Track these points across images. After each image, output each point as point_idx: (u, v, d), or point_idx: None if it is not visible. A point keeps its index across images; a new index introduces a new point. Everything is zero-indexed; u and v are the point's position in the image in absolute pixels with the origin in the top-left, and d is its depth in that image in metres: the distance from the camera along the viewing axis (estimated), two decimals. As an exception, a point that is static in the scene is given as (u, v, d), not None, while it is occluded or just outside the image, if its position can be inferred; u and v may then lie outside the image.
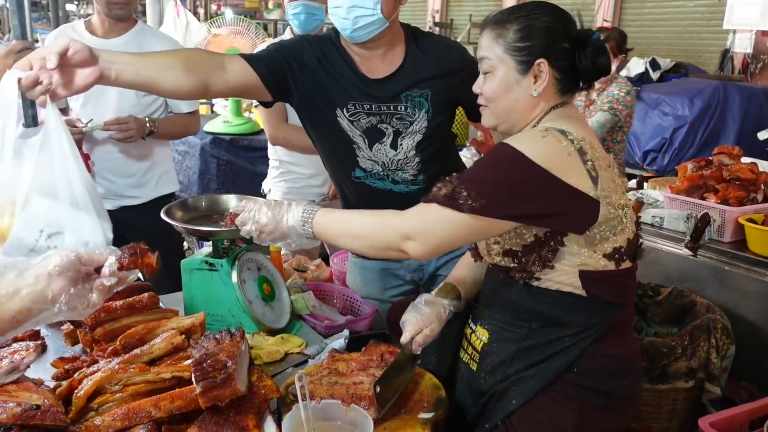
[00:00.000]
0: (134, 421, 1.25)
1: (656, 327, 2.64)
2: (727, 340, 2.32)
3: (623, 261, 1.44)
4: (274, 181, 2.99)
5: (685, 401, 2.31)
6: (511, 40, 1.46)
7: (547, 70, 1.46)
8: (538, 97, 1.48)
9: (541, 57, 1.45)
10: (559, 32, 1.47)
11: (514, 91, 1.48)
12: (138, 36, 2.52)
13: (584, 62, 1.47)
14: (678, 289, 2.58)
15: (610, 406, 1.48)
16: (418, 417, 1.41)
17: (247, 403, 1.31)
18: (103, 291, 1.14)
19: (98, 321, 1.62)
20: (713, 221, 2.69)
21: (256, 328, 1.81)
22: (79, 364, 1.48)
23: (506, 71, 1.48)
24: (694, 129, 5.16)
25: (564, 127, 1.42)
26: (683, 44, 7.26)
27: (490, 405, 1.51)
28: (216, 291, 1.81)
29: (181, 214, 1.94)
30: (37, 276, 1.08)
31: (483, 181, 1.37)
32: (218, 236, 1.83)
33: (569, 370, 1.45)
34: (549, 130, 1.40)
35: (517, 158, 1.35)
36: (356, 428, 1.24)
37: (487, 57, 1.49)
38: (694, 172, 2.94)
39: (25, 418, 1.09)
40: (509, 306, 1.52)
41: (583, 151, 1.38)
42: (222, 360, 1.29)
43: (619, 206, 1.42)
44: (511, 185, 1.36)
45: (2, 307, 1.06)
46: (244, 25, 4.54)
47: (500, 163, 1.38)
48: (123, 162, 2.57)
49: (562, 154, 1.37)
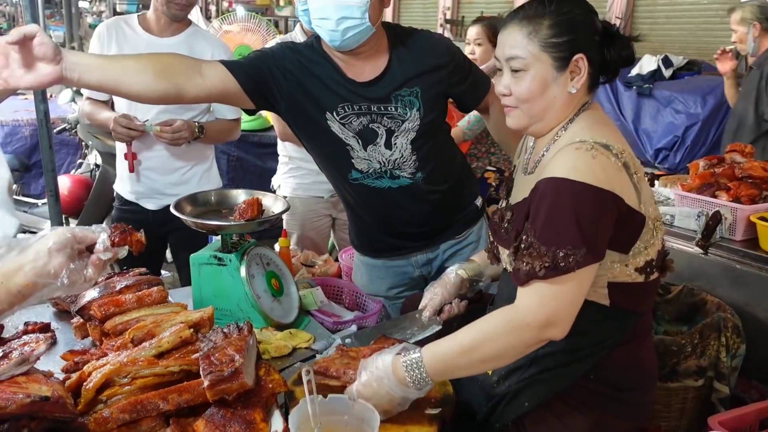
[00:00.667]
0: (142, 413, 1.26)
1: (666, 325, 2.62)
2: (737, 339, 2.30)
3: (653, 273, 1.42)
4: (283, 177, 3.00)
5: (695, 400, 2.29)
6: (546, 36, 1.39)
7: (586, 66, 1.41)
8: (573, 95, 1.43)
9: (579, 52, 1.40)
10: (591, 25, 1.43)
11: (552, 89, 1.42)
12: (190, 38, 2.50)
13: (613, 55, 1.43)
14: (688, 287, 2.56)
15: (624, 412, 1.47)
16: (424, 413, 1.41)
17: (254, 397, 1.31)
18: (98, 266, 1.22)
19: (108, 314, 1.63)
20: (725, 219, 2.67)
21: (264, 322, 1.82)
22: (88, 357, 1.50)
23: (543, 69, 1.41)
24: (706, 127, 5.11)
25: (604, 138, 1.36)
26: (697, 41, 7.18)
27: (502, 406, 1.49)
28: (224, 285, 1.83)
29: (190, 208, 1.95)
30: (38, 252, 1.15)
31: (568, 230, 1.28)
32: (227, 231, 1.84)
33: (585, 377, 1.43)
34: (596, 148, 1.33)
35: (586, 191, 1.28)
36: (363, 422, 1.24)
37: (519, 56, 1.41)
38: (705, 169, 2.92)
39: (34, 409, 1.10)
40: None
41: (627, 165, 1.34)
42: (230, 354, 1.30)
43: (653, 219, 1.39)
44: (594, 221, 1.29)
45: (9, 282, 1.13)
46: (255, 21, 4.57)
47: (573, 203, 1.29)
48: (165, 160, 2.56)
49: (616, 171, 1.32)
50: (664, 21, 7.55)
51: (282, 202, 1.96)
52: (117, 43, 2.44)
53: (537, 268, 1.28)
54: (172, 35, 2.48)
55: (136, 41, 2.44)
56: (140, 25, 2.48)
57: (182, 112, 2.49)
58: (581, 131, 1.41)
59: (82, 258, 1.21)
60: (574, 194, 1.28)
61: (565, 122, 1.45)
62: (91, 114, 2.55)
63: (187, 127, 2.42)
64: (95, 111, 2.52)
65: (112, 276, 1.79)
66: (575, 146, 1.35)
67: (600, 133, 1.38)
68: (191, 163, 2.60)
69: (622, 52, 1.43)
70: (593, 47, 1.42)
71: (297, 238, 2.96)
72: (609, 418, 1.44)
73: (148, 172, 2.56)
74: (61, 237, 1.17)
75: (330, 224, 3.11)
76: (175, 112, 2.46)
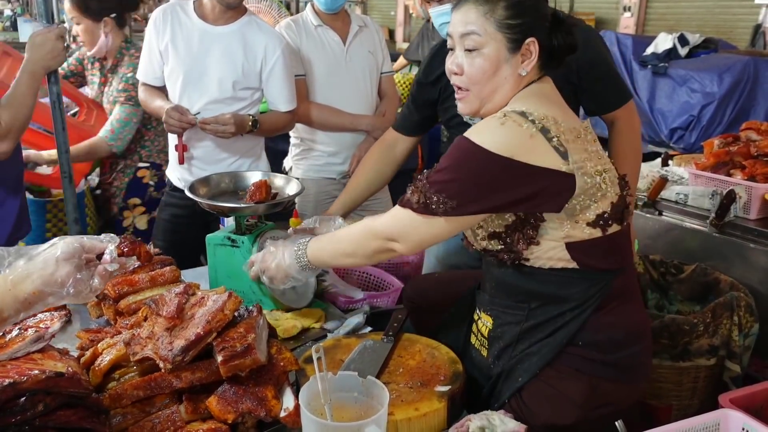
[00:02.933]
0: (156, 390, 1.29)
1: (679, 305, 2.61)
2: (750, 318, 2.29)
3: (609, 226, 1.42)
4: (295, 159, 3.00)
5: (707, 379, 2.29)
6: (502, 16, 1.42)
7: (537, 49, 1.44)
8: (522, 77, 1.46)
9: (531, 35, 1.43)
10: (543, 10, 1.46)
11: (503, 70, 1.45)
12: (244, 27, 2.46)
13: (560, 40, 1.46)
14: (701, 266, 2.55)
15: (619, 376, 1.48)
16: (434, 390, 1.42)
17: (266, 374, 1.33)
18: (104, 277, 1.24)
19: (121, 294, 1.66)
20: (739, 198, 2.64)
21: (274, 306, 1.83)
22: (103, 336, 1.52)
23: (497, 48, 1.44)
24: (723, 106, 5.04)
25: (525, 107, 1.41)
26: (714, 19, 7.08)
27: (499, 385, 1.52)
28: (237, 267, 1.83)
29: (205, 190, 1.96)
30: (46, 261, 1.18)
31: (449, 181, 1.38)
32: (239, 213, 1.85)
33: (573, 344, 1.45)
34: (507, 116, 1.39)
35: (478, 152, 1.36)
36: (373, 399, 1.25)
37: (476, 32, 1.44)
38: (720, 148, 2.89)
39: (49, 384, 1.12)
40: (506, 289, 1.52)
41: (545, 129, 1.37)
42: (241, 332, 1.32)
43: (596, 173, 1.40)
44: (476, 180, 1.36)
45: (17, 288, 1.15)
46: (267, 3, 4.54)
47: (463, 160, 1.38)
48: (211, 151, 2.54)
49: (523, 137, 1.35)
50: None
51: (296, 183, 1.96)
52: (171, 29, 2.42)
53: (413, 201, 1.42)
54: (226, 23, 2.44)
55: (191, 29, 2.42)
56: (195, 11, 2.45)
57: (231, 103, 2.46)
58: (512, 104, 1.46)
59: (90, 267, 1.24)
60: (466, 152, 1.38)
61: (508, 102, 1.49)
62: (145, 101, 2.55)
63: (237, 120, 2.37)
64: (149, 98, 2.51)
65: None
66: (494, 115, 1.43)
67: (526, 102, 1.43)
68: (238, 154, 2.58)
69: (567, 39, 1.47)
70: (543, 32, 1.45)
71: (309, 224, 2.96)
72: (605, 382, 1.45)
73: (195, 161, 2.55)
74: (70, 247, 1.21)
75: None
76: (224, 102, 2.45)
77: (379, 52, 2.93)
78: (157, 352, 1.26)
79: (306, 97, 2.80)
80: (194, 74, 2.42)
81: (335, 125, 2.84)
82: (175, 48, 2.43)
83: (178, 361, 1.25)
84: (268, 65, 2.47)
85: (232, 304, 1.36)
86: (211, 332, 1.30)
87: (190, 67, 2.42)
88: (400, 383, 1.46)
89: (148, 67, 2.52)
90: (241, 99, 2.49)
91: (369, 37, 2.90)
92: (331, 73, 2.81)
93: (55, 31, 2.12)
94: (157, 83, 2.53)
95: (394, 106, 3.00)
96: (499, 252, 1.47)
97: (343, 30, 2.84)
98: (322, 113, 2.81)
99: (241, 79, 2.45)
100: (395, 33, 12.51)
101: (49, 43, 2.10)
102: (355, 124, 2.84)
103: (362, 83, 2.87)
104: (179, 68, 2.43)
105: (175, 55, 2.43)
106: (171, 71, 2.46)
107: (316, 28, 2.80)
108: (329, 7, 2.75)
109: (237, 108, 2.48)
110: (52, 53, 2.11)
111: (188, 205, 2.48)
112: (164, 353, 1.25)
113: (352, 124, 2.84)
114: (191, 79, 2.42)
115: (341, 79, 2.82)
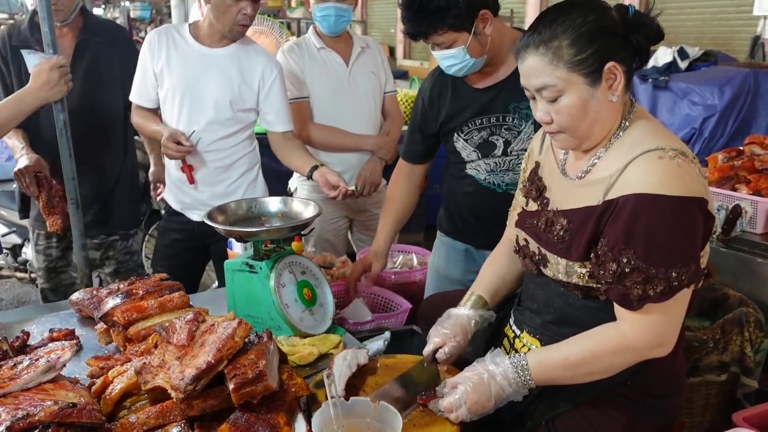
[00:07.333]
0: (168, 419, 1.28)
1: (688, 321, 2.58)
2: (760, 333, 2.28)
3: (701, 281, 1.36)
4: (300, 180, 3.01)
5: (718, 396, 2.28)
6: (570, 56, 1.31)
7: (620, 69, 1.33)
8: (616, 102, 1.36)
9: (608, 59, 1.32)
10: (609, 25, 1.33)
11: (592, 105, 1.34)
12: (240, 50, 2.47)
13: (640, 38, 1.35)
14: (710, 282, 2.53)
15: (655, 418, 1.45)
16: (447, 414, 1.41)
17: (278, 401, 1.32)
18: None
19: (131, 320, 1.65)
20: (745, 213, 2.64)
21: (291, 332, 1.78)
22: (113, 363, 1.51)
23: (577, 90, 1.33)
24: (724, 118, 5.04)
25: (676, 144, 1.32)
26: (712, 32, 7.12)
27: (535, 404, 1.48)
28: (255, 293, 1.81)
29: (223, 217, 1.93)
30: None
31: (675, 249, 1.26)
32: (256, 238, 1.84)
33: (623, 383, 1.41)
34: (677, 156, 1.28)
35: (682, 204, 1.25)
36: (385, 425, 1.24)
37: (549, 84, 1.34)
38: (724, 162, 2.89)
39: (62, 416, 1.12)
40: (569, 320, 1.46)
41: (701, 170, 1.32)
42: (251, 359, 1.31)
43: None
44: (694, 234, 1.28)
45: None
46: (268, 24, 4.56)
47: (673, 219, 1.26)
48: (211, 172, 2.54)
49: (698, 177, 1.29)
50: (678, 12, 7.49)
51: (313, 206, 1.92)
52: (167, 51, 2.43)
53: (650, 293, 1.26)
54: (222, 46, 2.45)
55: (186, 51, 2.43)
56: (191, 34, 2.46)
57: (230, 124, 2.48)
58: (645, 137, 1.35)
59: None
60: (672, 210, 1.25)
61: (617, 129, 1.40)
62: (139, 124, 2.55)
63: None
64: (144, 122, 2.52)
65: (134, 282, 1.81)
66: (657, 155, 1.29)
67: (666, 138, 1.33)
68: (237, 174, 2.59)
69: (649, 33, 1.36)
70: (620, 45, 1.34)
71: (315, 240, 2.97)
72: (639, 424, 1.43)
73: (192, 184, 2.54)
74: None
75: (347, 225, 3.12)
76: (222, 123, 2.46)
77: (381, 72, 2.95)
78: (169, 381, 1.26)
79: (310, 119, 2.81)
80: (191, 96, 2.43)
81: (339, 146, 2.85)
82: (170, 70, 2.43)
83: (190, 390, 1.24)
84: (265, 86, 2.48)
85: (242, 331, 1.36)
86: (222, 360, 1.29)
87: (186, 89, 2.42)
88: (412, 407, 1.44)
89: (141, 88, 2.51)
90: (239, 120, 2.50)
91: (371, 58, 2.92)
92: (335, 95, 2.83)
93: (50, 62, 2.11)
94: (151, 105, 2.53)
95: (398, 125, 3.02)
96: (594, 289, 1.39)
97: (346, 51, 2.86)
98: (325, 135, 2.83)
99: (239, 100, 2.45)
100: (396, 50, 12.62)
101: (44, 74, 2.09)
102: (359, 144, 2.86)
103: (366, 104, 2.89)
104: (176, 90, 2.43)
105: (170, 77, 2.43)
106: (167, 93, 2.46)
107: (319, 51, 2.82)
108: (332, 30, 2.78)
109: (234, 129, 2.49)
110: (48, 84, 2.10)
111: (186, 229, 2.49)
112: (176, 383, 1.25)
113: (356, 144, 2.86)
114: (188, 100, 2.42)
115: (345, 100, 2.84)
